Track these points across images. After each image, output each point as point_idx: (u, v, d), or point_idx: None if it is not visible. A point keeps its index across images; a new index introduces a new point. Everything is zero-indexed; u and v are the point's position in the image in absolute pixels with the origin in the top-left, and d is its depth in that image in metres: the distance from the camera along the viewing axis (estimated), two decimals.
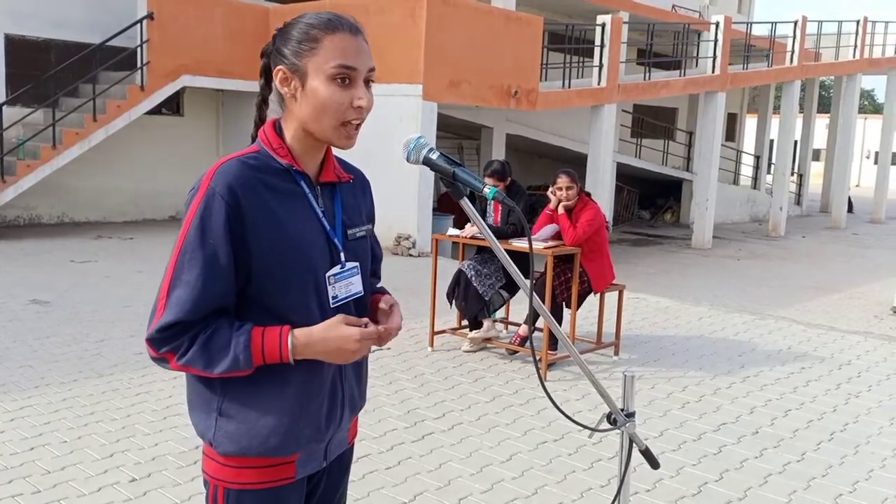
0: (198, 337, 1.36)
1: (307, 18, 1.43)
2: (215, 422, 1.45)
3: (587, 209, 5.28)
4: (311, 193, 1.47)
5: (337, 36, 1.41)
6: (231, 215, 1.35)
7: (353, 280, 1.51)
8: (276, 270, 1.39)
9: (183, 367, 1.38)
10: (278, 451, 1.45)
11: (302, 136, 1.45)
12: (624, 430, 1.68)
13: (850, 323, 8.31)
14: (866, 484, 3.59)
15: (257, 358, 1.37)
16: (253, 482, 1.46)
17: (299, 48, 1.41)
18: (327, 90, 1.39)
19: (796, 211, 22.16)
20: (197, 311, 1.35)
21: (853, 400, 4.80)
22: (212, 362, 1.36)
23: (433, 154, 1.49)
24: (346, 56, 1.40)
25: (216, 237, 1.35)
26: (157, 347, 1.37)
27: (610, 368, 5.24)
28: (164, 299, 1.36)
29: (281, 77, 1.43)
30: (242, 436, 1.43)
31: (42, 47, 11.09)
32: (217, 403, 1.44)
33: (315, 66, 1.40)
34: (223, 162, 1.40)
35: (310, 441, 1.49)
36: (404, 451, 3.75)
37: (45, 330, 5.61)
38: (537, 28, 11.34)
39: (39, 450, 3.58)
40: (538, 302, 1.55)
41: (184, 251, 1.36)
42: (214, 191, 1.36)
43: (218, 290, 1.37)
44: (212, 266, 1.35)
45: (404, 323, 6.75)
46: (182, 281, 1.36)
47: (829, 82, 32.24)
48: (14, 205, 10.41)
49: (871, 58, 20.18)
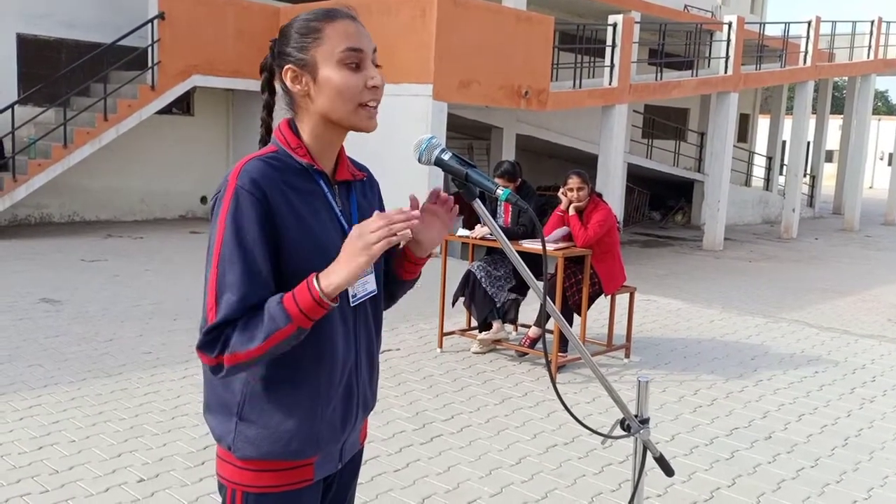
0: (237, 324, 1.33)
1: (303, 15, 1.44)
2: (235, 426, 1.43)
3: (598, 210, 5.24)
4: (330, 192, 1.46)
5: (338, 23, 1.41)
6: (262, 211, 1.34)
7: (368, 279, 1.51)
8: (300, 269, 1.37)
9: (233, 359, 1.32)
10: (299, 455, 1.44)
11: (321, 132, 1.44)
12: (638, 437, 1.65)
13: (864, 326, 8.22)
14: (881, 490, 3.54)
15: (291, 308, 1.30)
16: (272, 485, 1.45)
17: (303, 42, 1.41)
18: (340, 76, 1.39)
19: (809, 213, 21.99)
20: (243, 309, 1.33)
21: (868, 404, 4.74)
22: (253, 337, 1.31)
23: (445, 155, 1.46)
24: (352, 39, 1.40)
25: (251, 233, 1.34)
26: (209, 352, 1.32)
27: (621, 371, 5.20)
28: (213, 307, 1.33)
29: (291, 76, 1.42)
30: (264, 440, 1.42)
31: (54, 47, 11.13)
32: (237, 408, 1.43)
33: (323, 56, 1.40)
34: (246, 161, 1.39)
35: (328, 442, 1.48)
36: (413, 453, 3.73)
37: (54, 329, 5.61)
38: (548, 28, 11.29)
39: (48, 449, 3.57)
40: (550, 304, 1.52)
41: (223, 255, 1.34)
42: (243, 189, 1.34)
43: (260, 286, 1.34)
44: (251, 264, 1.34)
45: (413, 325, 6.68)
46: (227, 283, 1.33)
47: (843, 83, 32.04)
48: (25, 204, 10.46)
49: (885, 58, 20.00)
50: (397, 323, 6.18)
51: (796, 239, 17.12)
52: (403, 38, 9.90)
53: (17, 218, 10.80)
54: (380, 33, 10.24)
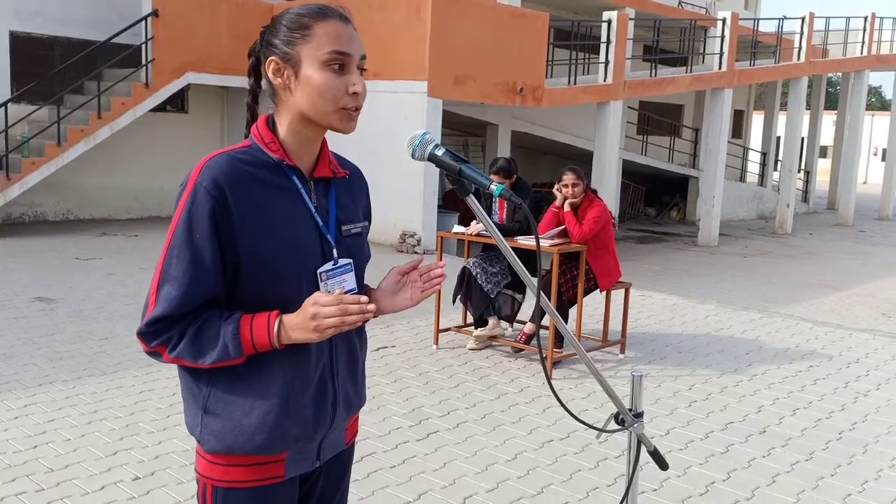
0: (188, 329, 1.36)
1: (296, 9, 1.42)
2: (201, 419, 1.44)
3: (593, 206, 5.25)
4: (304, 188, 1.45)
5: (328, 23, 1.40)
6: (217, 210, 1.35)
7: (346, 277, 1.49)
8: (265, 266, 1.38)
9: (175, 360, 1.39)
10: (264, 450, 1.43)
11: (297, 129, 1.43)
12: (632, 431, 1.66)
13: (858, 321, 8.25)
14: (875, 483, 3.56)
15: (247, 345, 1.36)
16: (241, 480, 1.45)
17: (291, 37, 1.40)
18: (322, 77, 1.38)
19: (803, 208, 22.04)
20: (184, 305, 1.35)
21: (862, 398, 4.76)
22: (202, 353, 1.36)
23: (439, 150, 1.46)
24: (340, 42, 1.39)
25: (202, 232, 1.35)
26: (148, 341, 1.38)
27: (616, 366, 5.21)
28: (154, 294, 1.37)
29: (273, 68, 1.41)
30: (227, 433, 1.42)
31: (47, 45, 11.09)
32: (203, 401, 1.44)
33: (308, 54, 1.39)
34: (211, 157, 1.39)
35: (297, 440, 1.46)
36: (409, 449, 3.73)
37: (49, 327, 5.60)
38: (543, 24, 11.29)
39: (43, 448, 3.57)
40: (545, 300, 1.53)
41: (172, 247, 1.37)
42: (201, 185, 1.35)
43: (205, 285, 1.36)
44: (199, 261, 1.35)
45: (409, 321, 6.67)
46: (170, 276, 1.36)
47: (837, 79, 32.08)
48: (19, 202, 10.43)
49: (878, 54, 20.05)
50: (393, 320, 6.18)
51: (791, 234, 17.16)
52: (399, 35, 9.89)
53: (10, 216, 10.76)
54: (376, 30, 10.25)
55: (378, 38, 9.81)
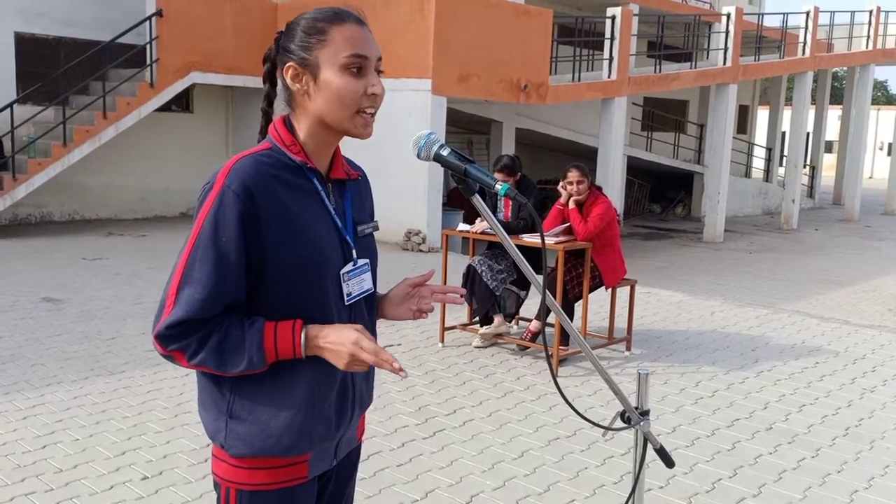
0: (210, 337, 1.35)
1: (311, 13, 1.42)
2: (226, 424, 1.43)
3: (598, 203, 5.24)
4: (324, 191, 1.46)
5: (345, 26, 1.40)
6: (245, 214, 1.34)
7: (364, 277, 1.51)
8: (291, 268, 1.38)
9: (195, 366, 1.37)
10: (292, 451, 1.44)
11: (316, 132, 1.44)
12: (638, 429, 1.66)
13: (864, 317, 8.23)
14: (882, 479, 3.55)
15: (270, 355, 1.36)
16: (266, 483, 1.45)
17: (308, 42, 1.40)
18: (341, 80, 1.39)
19: (809, 203, 21.98)
20: (206, 309, 1.34)
21: (868, 395, 4.75)
22: (225, 363, 1.36)
23: (444, 150, 1.46)
24: (357, 45, 1.39)
25: (229, 235, 1.34)
26: (165, 344, 1.36)
27: (622, 364, 5.21)
28: (173, 296, 1.35)
29: (292, 73, 1.41)
30: (255, 437, 1.42)
31: (52, 45, 11.13)
32: (227, 406, 1.43)
33: (326, 58, 1.39)
34: (238, 159, 1.39)
35: (322, 439, 1.47)
36: (415, 447, 3.74)
37: (56, 328, 5.63)
38: (547, 21, 11.27)
39: (52, 448, 3.59)
40: (550, 298, 1.53)
41: (196, 248, 1.35)
42: (229, 188, 1.34)
43: (229, 289, 1.35)
44: (224, 265, 1.34)
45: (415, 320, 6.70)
46: (193, 279, 1.34)
47: (842, 73, 31.97)
48: (25, 203, 10.47)
49: (884, 48, 19.95)
50: None
51: (796, 230, 17.11)
52: (402, 33, 9.89)
53: (17, 217, 10.81)
54: (379, 28, 10.18)
55: (382, 36, 9.67)
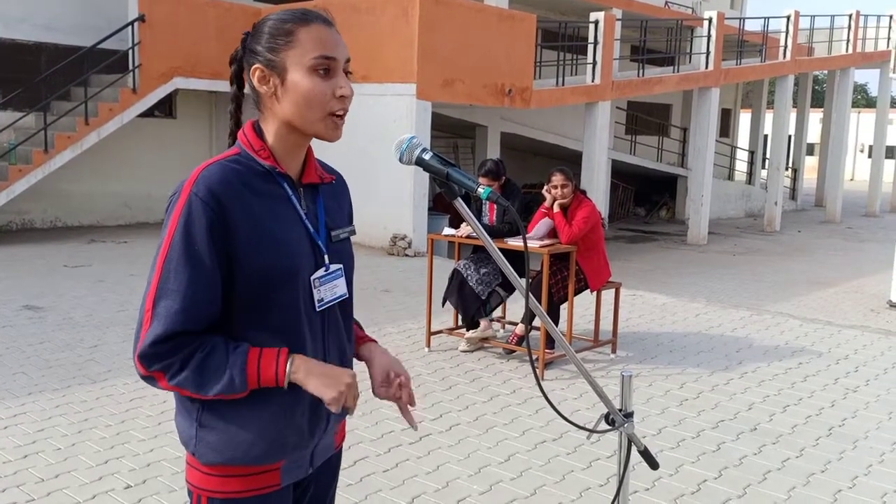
0: (192, 357, 1.32)
1: (278, 14, 1.41)
2: (196, 432, 1.42)
3: (582, 207, 5.26)
4: (294, 195, 1.44)
5: (312, 27, 1.38)
6: (214, 221, 1.32)
7: (337, 283, 1.49)
8: (261, 274, 1.37)
9: (174, 388, 1.34)
10: (262, 460, 1.42)
11: (284, 135, 1.42)
12: (622, 431, 1.66)
13: (847, 317, 8.31)
14: (865, 479, 3.58)
15: (252, 381, 1.34)
16: (238, 491, 1.43)
17: (275, 43, 1.38)
18: (309, 82, 1.37)
19: (791, 205, 22.18)
20: (186, 321, 1.31)
21: (851, 395, 4.79)
22: (205, 384, 1.33)
23: (426, 154, 1.46)
24: (325, 47, 1.38)
25: (201, 243, 1.32)
26: (147, 365, 1.32)
27: (607, 366, 5.22)
28: (150, 311, 1.32)
29: (259, 76, 1.40)
30: (225, 446, 1.40)
31: (33, 51, 11.02)
32: (196, 414, 1.41)
33: (294, 60, 1.37)
34: (206, 166, 1.37)
35: (295, 448, 1.46)
36: (402, 453, 3.73)
37: (38, 336, 5.56)
38: (530, 26, 11.32)
39: (33, 457, 3.54)
40: (534, 302, 1.53)
41: (169, 259, 1.32)
42: (197, 196, 1.32)
43: (206, 297, 1.33)
44: (198, 273, 1.32)
45: (400, 325, 6.67)
46: (169, 290, 1.32)
47: (823, 77, 32.29)
48: (6, 210, 10.35)
49: (863, 52, 20.20)
50: (385, 323, 6.18)
51: (779, 232, 17.26)
52: (387, 38, 9.89)
53: None
54: (364, 33, 10.23)
55: (366, 41, 9.80)
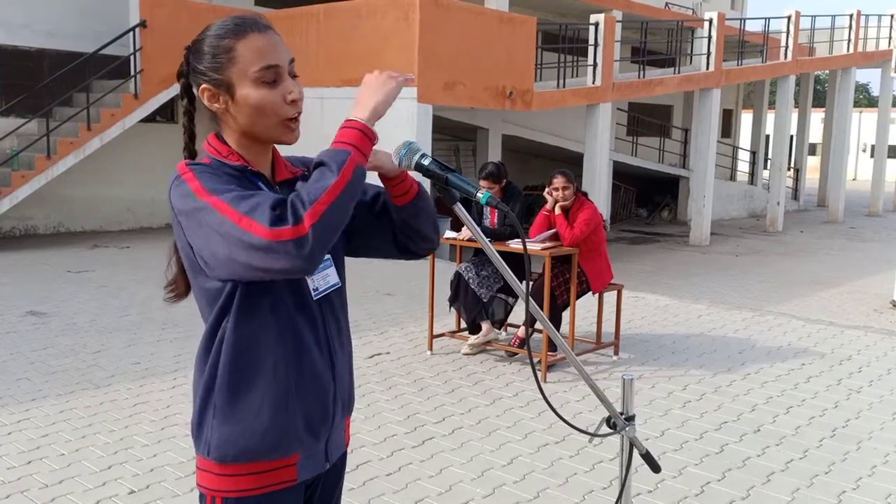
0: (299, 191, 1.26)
1: (213, 30, 1.41)
2: (210, 429, 1.43)
3: (584, 209, 5.26)
4: (271, 192, 1.45)
5: (249, 38, 1.39)
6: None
7: (328, 272, 1.51)
8: None
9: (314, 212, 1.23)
10: (277, 448, 1.43)
11: (246, 144, 1.45)
12: (624, 435, 1.67)
13: (850, 317, 8.30)
14: (869, 480, 3.57)
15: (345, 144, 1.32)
16: (252, 488, 1.44)
17: (215, 62, 1.39)
18: (258, 94, 1.38)
19: (793, 206, 22.15)
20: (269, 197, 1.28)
21: (854, 395, 4.78)
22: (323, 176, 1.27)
23: (425, 160, 1.47)
24: (266, 56, 1.39)
25: (224, 182, 1.34)
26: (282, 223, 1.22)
27: (610, 368, 5.22)
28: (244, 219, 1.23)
29: (208, 95, 1.42)
30: (240, 435, 1.41)
31: (35, 57, 11.06)
32: (212, 409, 1.43)
33: (238, 75, 1.39)
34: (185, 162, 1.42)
35: (308, 438, 1.47)
36: (404, 456, 3.73)
37: (42, 342, 5.58)
38: (531, 28, 11.33)
39: (37, 463, 3.55)
40: (534, 306, 1.54)
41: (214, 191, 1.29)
42: (195, 164, 1.38)
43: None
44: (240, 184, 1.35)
45: (403, 327, 6.67)
46: (239, 196, 1.27)
47: (824, 76, 32.27)
48: (9, 216, 10.38)
49: (864, 51, 20.19)
50: (387, 326, 6.19)
51: (782, 232, 17.24)
52: (387, 41, 9.90)
53: (1, 230, 10.72)
54: (365, 36, 10.25)
55: (367, 45, 9.82)
